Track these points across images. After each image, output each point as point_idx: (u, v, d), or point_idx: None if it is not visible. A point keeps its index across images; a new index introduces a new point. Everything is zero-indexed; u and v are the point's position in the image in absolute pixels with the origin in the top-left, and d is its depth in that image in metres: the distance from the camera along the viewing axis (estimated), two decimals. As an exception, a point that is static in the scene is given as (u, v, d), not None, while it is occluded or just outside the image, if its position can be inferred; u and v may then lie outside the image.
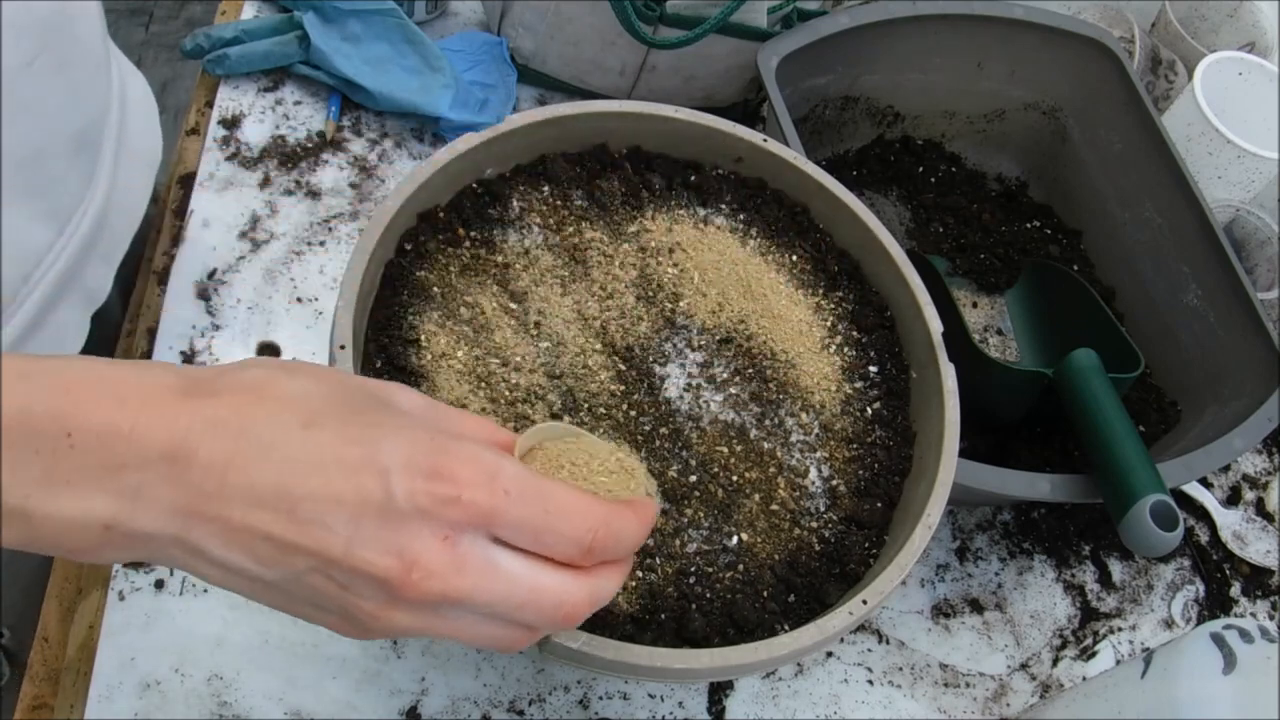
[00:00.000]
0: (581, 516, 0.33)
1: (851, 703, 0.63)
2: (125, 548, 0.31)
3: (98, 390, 0.30)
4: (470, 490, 0.31)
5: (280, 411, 0.31)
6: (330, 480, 0.30)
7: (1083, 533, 0.74)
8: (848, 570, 0.52)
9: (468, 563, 0.31)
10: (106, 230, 0.55)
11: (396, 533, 0.31)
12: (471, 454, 0.32)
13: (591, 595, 0.34)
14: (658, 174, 0.62)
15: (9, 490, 0.29)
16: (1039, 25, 0.80)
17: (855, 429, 0.56)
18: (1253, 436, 0.64)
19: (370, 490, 0.30)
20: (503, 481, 0.32)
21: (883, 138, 0.86)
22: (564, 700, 0.58)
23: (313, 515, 0.30)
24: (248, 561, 0.31)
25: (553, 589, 0.33)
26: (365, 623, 0.32)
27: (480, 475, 0.31)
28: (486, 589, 0.32)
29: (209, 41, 0.75)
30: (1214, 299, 0.73)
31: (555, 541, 0.33)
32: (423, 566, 0.31)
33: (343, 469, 0.31)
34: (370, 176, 0.74)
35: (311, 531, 0.30)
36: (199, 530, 0.31)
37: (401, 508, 0.31)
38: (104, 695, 0.52)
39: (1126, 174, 0.81)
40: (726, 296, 0.58)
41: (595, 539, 0.33)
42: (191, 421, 0.30)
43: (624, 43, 0.73)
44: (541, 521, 0.32)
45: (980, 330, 0.79)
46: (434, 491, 0.31)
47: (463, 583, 0.31)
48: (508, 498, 0.32)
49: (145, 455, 0.30)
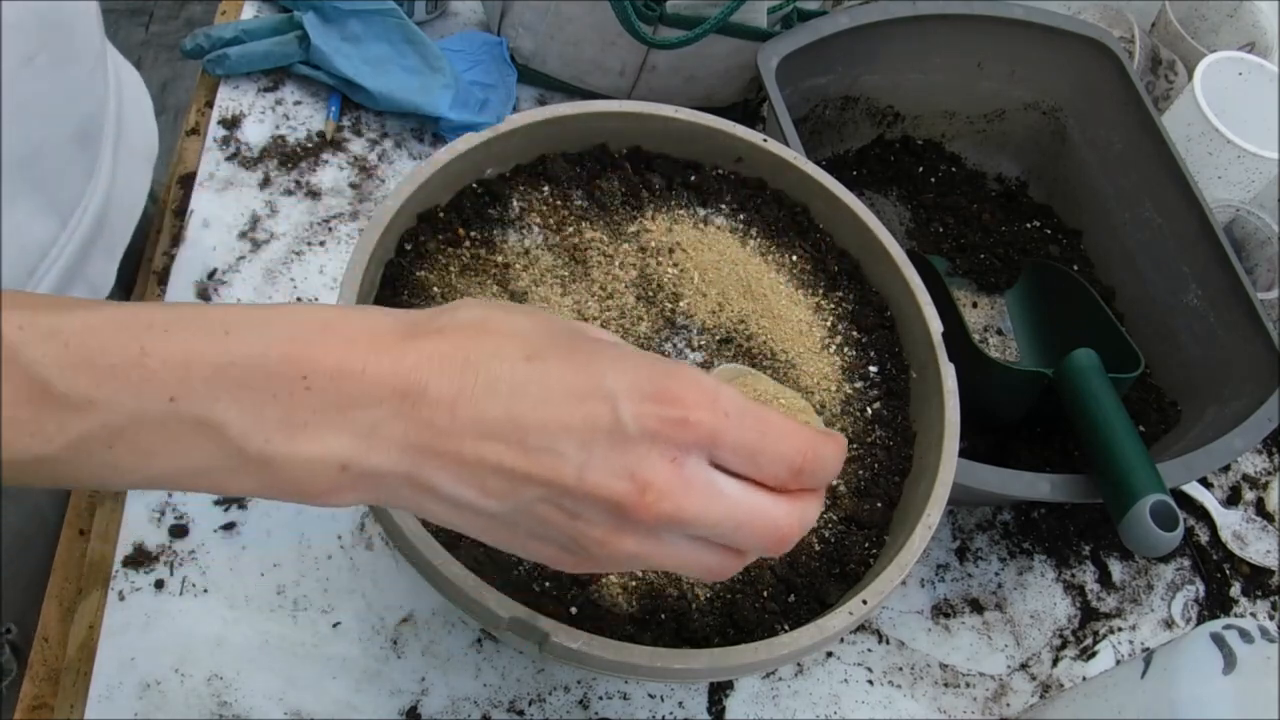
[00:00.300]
0: (793, 438, 0.33)
1: (851, 703, 0.63)
2: (359, 489, 0.31)
3: (326, 334, 0.31)
4: (696, 411, 0.31)
5: (502, 345, 0.32)
6: (559, 409, 0.31)
7: (1083, 533, 0.74)
8: (848, 570, 0.52)
9: (694, 484, 0.32)
10: (108, 224, 0.55)
11: (626, 456, 0.31)
12: (692, 378, 0.32)
13: (801, 519, 0.34)
14: (658, 174, 0.62)
15: (250, 436, 0.30)
16: (1039, 25, 0.80)
17: (855, 429, 0.56)
18: (1253, 436, 0.64)
19: (599, 416, 0.31)
20: (723, 404, 0.32)
21: (883, 138, 0.86)
22: (564, 700, 0.58)
23: (543, 444, 0.31)
24: (478, 495, 0.32)
25: (769, 511, 0.34)
26: (591, 550, 0.33)
27: (703, 397, 0.32)
28: (713, 509, 0.32)
29: (209, 41, 0.75)
30: (1214, 299, 0.73)
31: (769, 463, 0.33)
32: (655, 488, 0.31)
33: (570, 397, 0.31)
34: (370, 176, 0.74)
35: (543, 460, 0.31)
36: (430, 465, 0.31)
37: (630, 431, 0.31)
38: (104, 695, 0.52)
39: (1126, 174, 0.81)
40: (726, 296, 0.58)
41: (805, 460, 0.33)
42: (419, 359, 0.31)
43: (624, 43, 0.73)
44: (758, 442, 0.33)
45: (980, 330, 0.79)
46: (662, 414, 0.31)
47: (691, 502, 0.32)
48: (728, 419, 0.32)
49: (378, 394, 0.30)
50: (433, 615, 0.59)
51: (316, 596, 0.58)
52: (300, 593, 0.57)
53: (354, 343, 0.31)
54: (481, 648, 0.58)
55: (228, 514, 0.59)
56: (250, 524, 0.59)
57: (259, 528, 0.59)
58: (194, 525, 0.58)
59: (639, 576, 0.49)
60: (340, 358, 0.30)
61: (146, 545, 0.57)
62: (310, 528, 0.59)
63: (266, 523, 0.59)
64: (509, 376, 0.31)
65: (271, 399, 0.30)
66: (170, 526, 0.58)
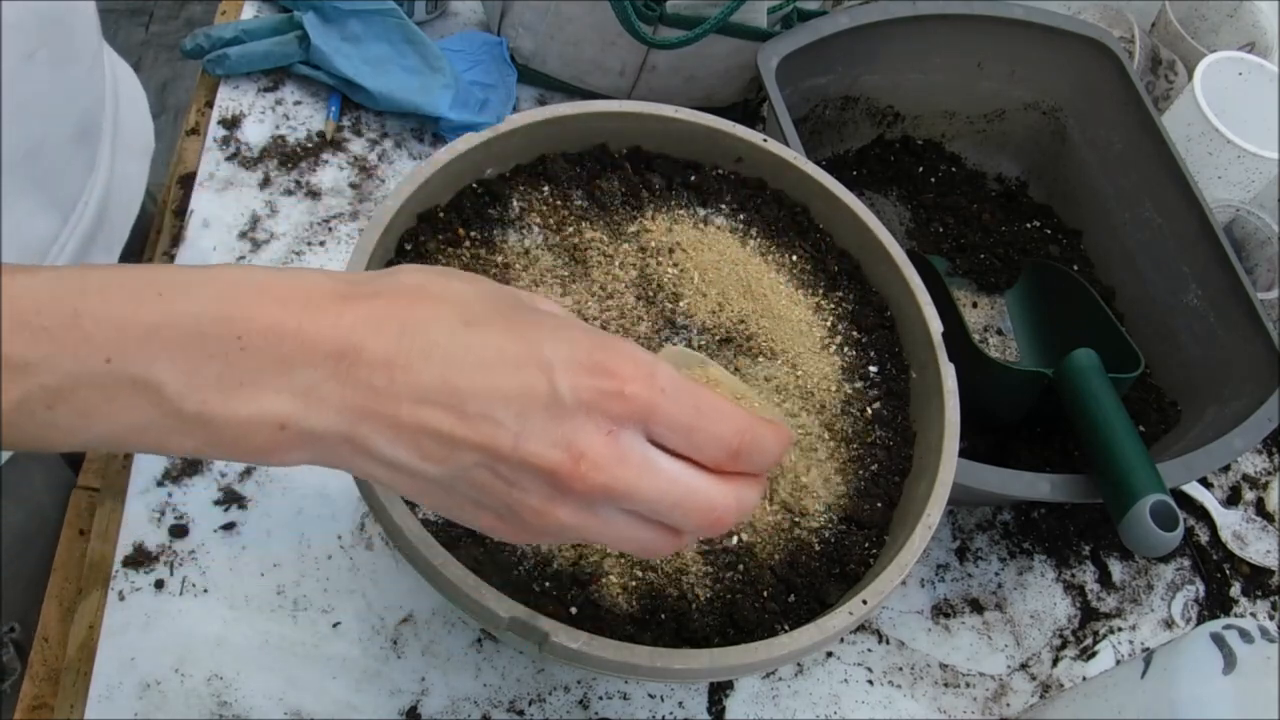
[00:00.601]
0: (730, 420, 0.33)
1: (851, 703, 0.63)
2: (298, 448, 0.31)
3: (261, 295, 0.31)
4: (632, 385, 0.32)
5: (441, 311, 0.32)
6: (496, 376, 0.31)
7: (1083, 533, 0.74)
8: (848, 570, 0.52)
9: (629, 457, 0.32)
10: (107, 220, 0.56)
11: (562, 426, 0.31)
12: (630, 351, 0.32)
13: (739, 502, 0.34)
14: (658, 174, 0.62)
15: (186, 396, 0.30)
16: (1039, 25, 0.80)
17: (855, 429, 0.56)
18: (1253, 436, 0.64)
19: (536, 385, 0.31)
20: (660, 380, 0.32)
21: (883, 138, 0.86)
22: (564, 700, 0.58)
23: (480, 410, 0.31)
24: (415, 459, 0.32)
25: (705, 490, 0.34)
26: (527, 519, 0.33)
27: (639, 371, 0.32)
28: (647, 484, 0.33)
29: (209, 41, 0.75)
30: (1214, 299, 0.73)
31: (705, 442, 0.33)
32: (589, 458, 0.31)
33: (507, 365, 0.31)
34: (370, 176, 0.74)
35: (479, 426, 0.31)
36: (367, 427, 0.31)
37: (566, 402, 0.31)
38: (104, 695, 0.53)
39: (1126, 174, 0.81)
40: (726, 296, 0.58)
41: (742, 442, 0.34)
42: (355, 320, 0.31)
43: (624, 43, 0.73)
44: (694, 420, 0.33)
45: (980, 330, 0.79)
46: (598, 386, 0.31)
47: (626, 475, 0.32)
48: (664, 395, 0.32)
49: (314, 354, 0.30)
50: (433, 615, 0.59)
51: (316, 596, 0.58)
52: (300, 593, 0.57)
53: (288, 303, 0.31)
54: (481, 648, 0.58)
55: (228, 514, 0.59)
56: (250, 524, 0.59)
57: (259, 528, 0.59)
58: (194, 525, 0.58)
59: (639, 576, 0.49)
60: (275, 318, 0.30)
61: (146, 545, 0.57)
62: (310, 528, 0.59)
63: (266, 523, 0.59)
64: (446, 342, 0.31)
65: (207, 359, 0.30)
66: (170, 526, 0.58)
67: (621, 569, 0.49)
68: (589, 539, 0.34)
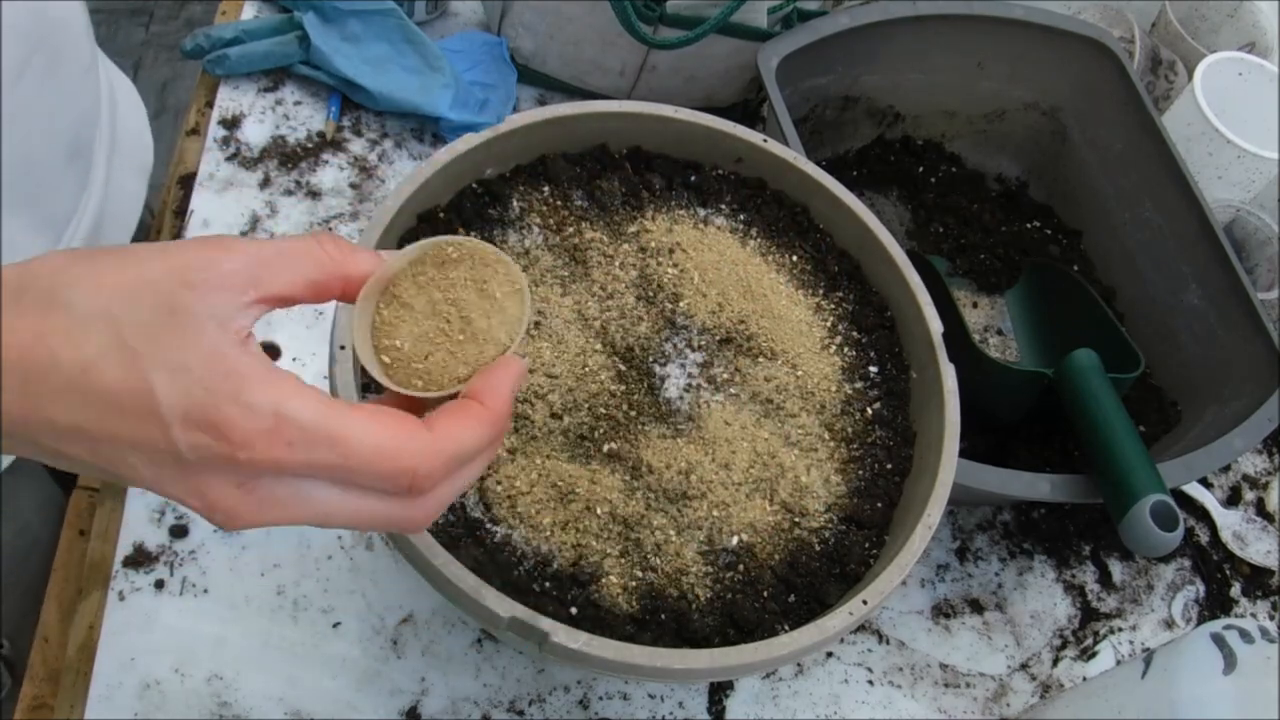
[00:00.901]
0: (388, 459, 0.31)
1: (851, 703, 0.63)
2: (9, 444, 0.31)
3: None
4: (245, 451, 0.30)
5: (68, 345, 0.30)
6: (121, 427, 0.30)
7: (1083, 533, 0.74)
8: (848, 570, 0.52)
9: (271, 500, 0.31)
10: (102, 237, 0.55)
11: (190, 480, 0.30)
12: (246, 405, 0.30)
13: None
14: (658, 174, 0.62)
15: None
16: (1039, 25, 0.80)
17: (855, 429, 0.56)
18: (1253, 436, 0.64)
19: (158, 441, 0.30)
20: (285, 434, 0.30)
21: (883, 138, 0.86)
22: (564, 700, 0.58)
23: (115, 455, 0.30)
24: (85, 472, 0.32)
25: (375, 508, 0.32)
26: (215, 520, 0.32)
27: (255, 430, 0.30)
28: (305, 513, 0.31)
29: (209, 42, 0.75)
30: (1214, 299, 0.73)
31: (371, 483, 0.32)
32: (223, 511, 0.30)
33: (128, 418, 0.30)
34: (370, 176, 0.74)
35: (120, 467, 0.31)
36: (28, 448, 0.31)
37: (190, 460, 0.30)
38: (104, 695, 0.52)
39: (1126, 174, 0.81)
40: (726, 297, 0.58)
41: (415, 479, 0.32)
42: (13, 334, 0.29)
43: (624, 43, 0.73)
44: (342, 465, 0.31)
45: (980, 330, 0.79)
46: (215, 449, 0.30)
47: (273, 514, 0.31)
48: (291, 449, 0.30)
49: None
50: (433, 615, 0.59)
51: (316, 597, 0.58)
52: (300, 593, 0.57)
53: None
54: (481, 648, 0.58)
55: (228, 514, 0.59)
56: (250, 524, 0.59)
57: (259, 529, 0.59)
58: (194, 525, 0.58)
59: (639, 577, 0.49)
60: None
61: (146, 545, 0.57)
62: (310, 528, 0.59)
63: (266, 523, 0.59)
64: (75, 383, 0.29)
65: None
66: (170, 527, 0.58)
67: (622, 569, 0.49)
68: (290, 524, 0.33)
